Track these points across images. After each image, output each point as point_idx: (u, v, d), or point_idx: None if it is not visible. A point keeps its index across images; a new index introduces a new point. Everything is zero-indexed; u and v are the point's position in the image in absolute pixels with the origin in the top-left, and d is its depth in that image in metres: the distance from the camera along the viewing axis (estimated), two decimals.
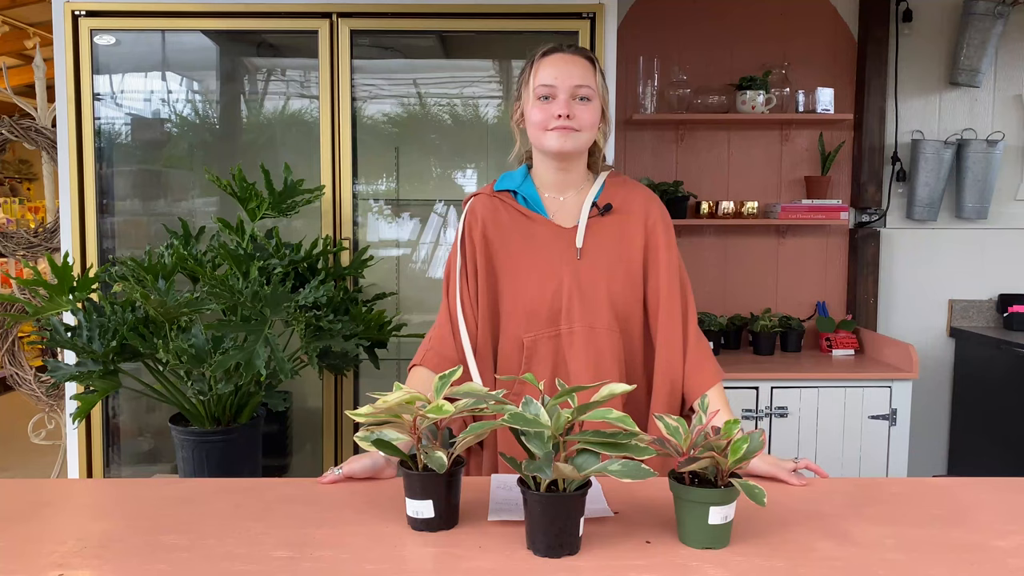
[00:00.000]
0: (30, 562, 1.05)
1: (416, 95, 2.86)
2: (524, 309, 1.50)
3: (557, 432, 1.06)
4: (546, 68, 1.47)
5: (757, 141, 3.35)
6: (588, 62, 1.49)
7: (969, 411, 3.36)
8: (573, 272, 1.50)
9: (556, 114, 1.45)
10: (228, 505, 1.27)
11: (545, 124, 1.47)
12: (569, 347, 1.49)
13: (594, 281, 1.50)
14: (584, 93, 1.47)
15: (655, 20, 3.28)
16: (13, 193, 9.01)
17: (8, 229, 3.38)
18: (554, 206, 1.55)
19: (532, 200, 1.55)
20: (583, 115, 1.47)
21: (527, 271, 1.51)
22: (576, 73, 1.46)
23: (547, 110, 1.46)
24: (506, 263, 1.52)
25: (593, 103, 1.48)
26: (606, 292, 1.49)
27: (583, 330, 1.48)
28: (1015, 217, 3.42)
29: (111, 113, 2.68)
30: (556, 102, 1.46)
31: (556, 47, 1.50)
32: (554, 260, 1.51)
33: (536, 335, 1.50)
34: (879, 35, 3.28)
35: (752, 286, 3.39)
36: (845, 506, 1.27)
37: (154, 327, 1.98)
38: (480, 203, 1.57)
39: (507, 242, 1.53)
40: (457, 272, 1.54)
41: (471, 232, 1.54)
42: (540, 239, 1.52)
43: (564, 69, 1.46)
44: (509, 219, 1.54)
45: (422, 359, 1.53)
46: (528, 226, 1.53)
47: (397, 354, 2.77)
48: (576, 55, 1.49)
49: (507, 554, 1.07)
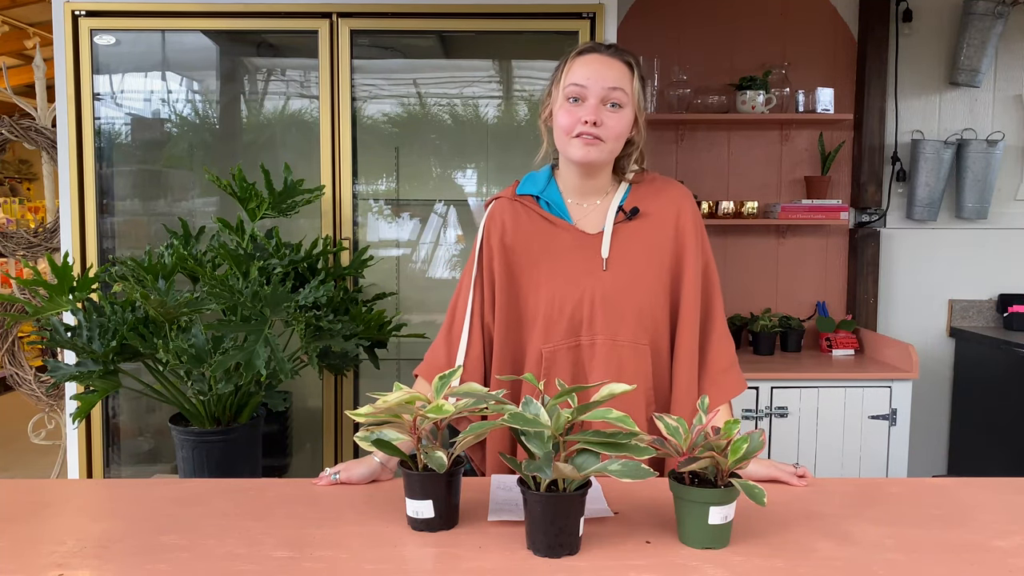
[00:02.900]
0: (30, 562, 1.05)
1: (416, 95, 2.86)
2: (544, 319, 1.44)
3: (557, 432, 1.06)
4: (579, 67, 1.39)
5: (757, 141, 3.35)
6: (626, 66, 1.40)
7: (969, 411, 3.35)
8: (597, 282, 1.43)
9: (583, 119, 1.37)
10: (228, 505, 1.27)
11: (571, 129, 1.39)
12: (590, 359, 1.44)
13: (619, 292, 1.43)
14: (616, 98, 1.38)
15: (655, 20, 3.28)
16: (13, 193, 9.01)
17: (8, 229, 3.38)
18: (578, 212, 1.48)
19: (556, 205, 1.48)
20: (612, 123, 1.38)
21: (549, 279, 1.45)
22: (610, 76, 1.38)
23: (574, 113, 1.38)
24: (527, 270, 1.46)
25: (625, 110, 1.40)
26: (632, 304, 1.43)
27: (605, 342, 1.42)
28: (1015, 217, 3.42)
29: (111, 113, 2.68)
30: (585, 105, 1.38)
31: (593, 46, 1.42)
32: (577, 269, 1.44)
33: (555, 346, 1.44)
34: (879, 35, 3.28)
35: (752, 286, 3.39)
36: (845, 506, 1.27)
37: (154, 327, 1.98)
38: (501, 208, 1.51)
39: (529, 249, 1.46)
40: (472, 283, 1.50)
41: (490, 239, 1.49)
42: (563, 246, 1.46)
43: (598, 70, 1.38)
44: (531, 225, 1.48)
45: (424, 372, 1.53)
46: (551, 232, 1.47)
47: (397, 354, 2.77)
48: (614, 57, 1.40)
49: (507, 554, 1.07)
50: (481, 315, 1.50)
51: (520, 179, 1.55)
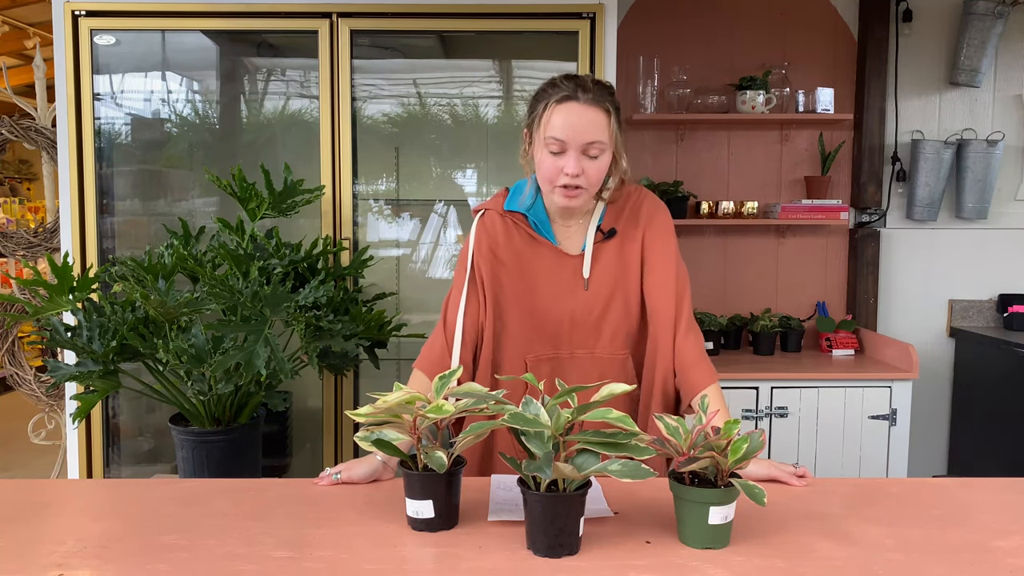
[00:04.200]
0: (30, 562, 1.05)
1: (416, 95, 2.85)
2: (526, 331, 1.51)
3: (557, 432, 1.06)
4: (558, 119, 1.40)
5: (757, 141, 3.35)
6: (604, 113, 1.41)
7: (969, 411, 3.35)
8: (577, 300, 1.51)
9: (566, 171, 1.40)
10: (228, 505, 1.27)
11: (553, 179, 1.43)
12: (571, 369, 1.51)
13: (598, 310, 1.50)
14: (596, 150, 1.41)
15: (655, 20, 3.28)
16: (13, 193, 9.01)
17: (8, 229, 3.38)
18: (562, 233, 1.55)
19: (542, 225, 1.53)
20: (592, 171, 1.42)
21: (531, 295, 1.52)
22: (590, 130, 1.39)
23: (556, 164, 1.41)
24: (512, 284, 1.52)
25: (603, 156, 1.43)
26: (610, 321, 1.51)
27: (585, 355, 1.52)
28: (1015, 217, 3.42)
29: (111, 113, 2.68)
30: (566, 157, 1.41)
31: (570, 94, 1.40)
32: (559, 287, 1.51)
33: (537, 356, 1.52)
34: (879, 35, 3.28)
35: (752, 286, 3.39)
36: (845, 506, 1.27)
37: (154, 327, 1.98)
38: (492, 220, 1.56)
39: (515, 264, 1.53)
40: (465, 283, 1.54)
41: (480, 248, 1.54)
42: (547, 264, 1.52)
43: (577, 124, 1.39)
44: (519, 241, 1.54)
45: (421, 365, 1.54)
46: (536, 250, 1.53)
47: (397, 354, 2.77)
48: (592, 106, 1.40)
49: (507, 554, 1.07)
50: (476, 316, 1.53)
51: (508, 187, 1.60)
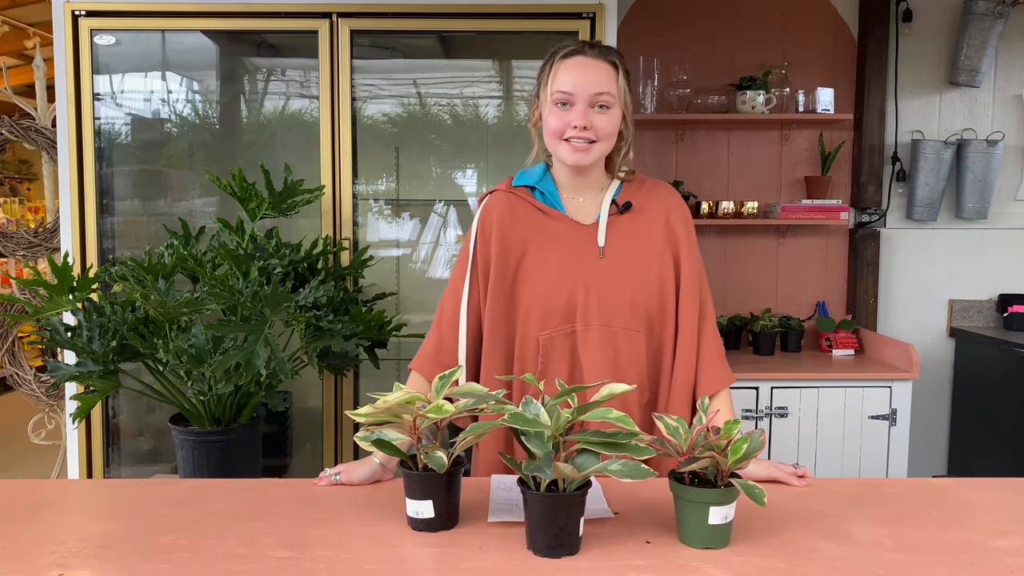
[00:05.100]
0: (30, 562, 1.05)
1: (416, 95, 2.85)
2: (540, 307, 1.46)
3: (557, 432, 1.06)
4: (565, 73, 1.42)
5: (757, 141, 3.35)
6: (611, 66, 1.43)
7: (969, 411, 3.35)
8: (592, 270, 1.46)
9: (573, 124, 1.41)
10: (228, 505, 1.27)
11: (561, 132, 1.43)
12: (584, 344, 1.45)
13: (614, 280, 1.46)
14: (604, 101, 1.41)
15: (655, 20, 3.28)
16: (13, 193, 9.01)
17: (8, 229, 3.38)
18: (572, 205, 1.52)
19: (551, 196, 1.51)
20: (601, 124, 1.42)
21: (544, 268, 1.47)
22: (596, 80, 1.41)
23: (564, 118, 1.42)
24: (522, 260, 1.48)
25: (613, 110, 1.43)
26: (627, 292, 1.46)
27: (600, 328, 1.45)
28: (1015, 217, 3.42)
29: (111, 113, 2.68)
30: (574, 110, 1.41)
31: (577, 48, 1.44)
32: (573, 257, 1.47)
33: (551, 333, 1.46)
34: (879, 35, 3.28)
35: (752, 286, 3.39)
36: (845, 506, 1.27)
37: (154, 327, 1.98)
38: (496, 201, 1.53)
39: (524, 239, 1.49)
40: (467, 275, 1.51)
41: (485, 230, 1.51)
42: (558, 235, 1.48)
43: (584, 76, 1.41)
44: (526, 215, 1.50)
45: (417, 365, 1.53)
46: (546, 222, 1.49)
47: (397, 354, 2.77)
48: (598, 59, 1.43)
49: (507, 554, 1.07)
50: (478, 304, 1.51)
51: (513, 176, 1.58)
